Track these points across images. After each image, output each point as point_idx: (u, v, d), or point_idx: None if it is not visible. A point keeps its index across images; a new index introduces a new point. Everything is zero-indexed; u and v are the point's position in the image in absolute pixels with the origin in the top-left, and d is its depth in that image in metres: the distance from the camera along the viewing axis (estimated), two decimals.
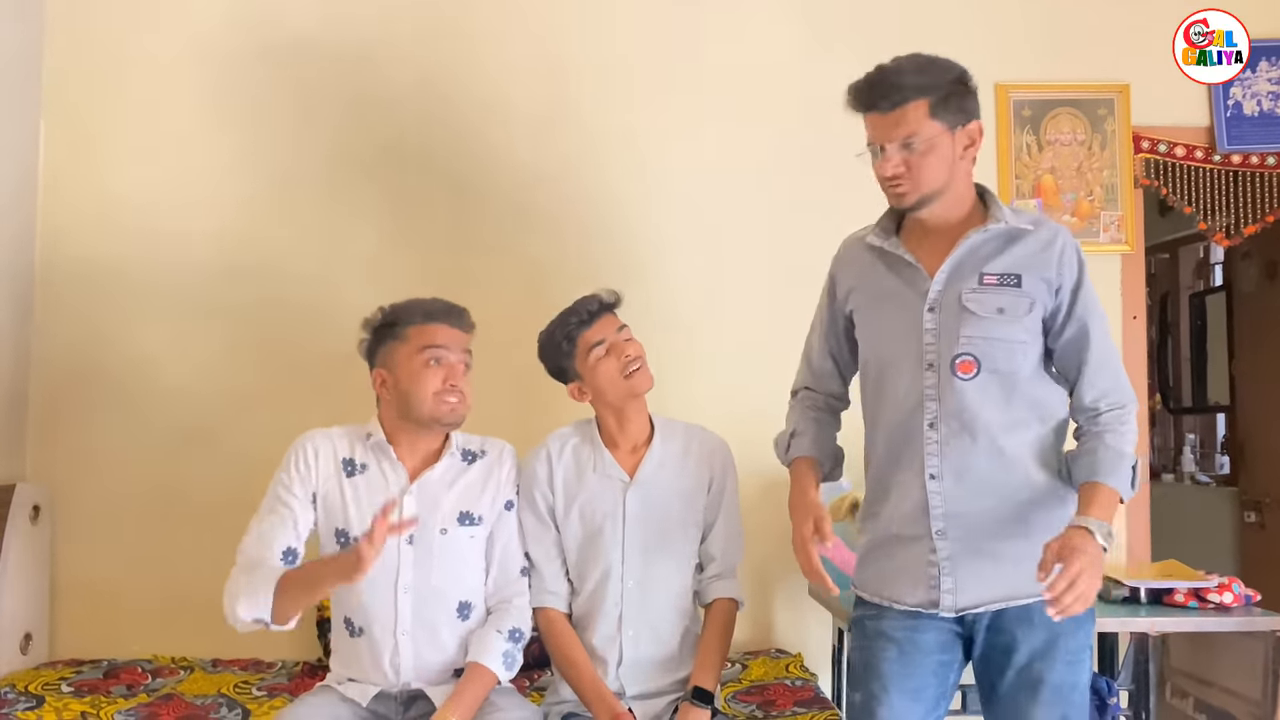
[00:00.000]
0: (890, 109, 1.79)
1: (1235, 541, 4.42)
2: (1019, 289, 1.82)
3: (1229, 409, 4.78)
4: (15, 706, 2.41)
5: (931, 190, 1.82)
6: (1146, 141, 3.16)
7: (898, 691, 1.85)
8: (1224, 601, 2.37)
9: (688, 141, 3.11)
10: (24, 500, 2.81)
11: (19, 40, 3.02)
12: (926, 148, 1.79)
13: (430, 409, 2.06)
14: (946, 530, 1.83)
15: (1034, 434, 1.85)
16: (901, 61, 1.82)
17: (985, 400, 1.82)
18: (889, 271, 1.91)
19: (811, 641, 2.97)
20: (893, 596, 1.88)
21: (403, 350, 2.09)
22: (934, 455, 1.83)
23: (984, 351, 1.81)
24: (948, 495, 1.83)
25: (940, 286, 1.84)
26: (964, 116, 1.81)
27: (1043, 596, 1.65)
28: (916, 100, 1.78)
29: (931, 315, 1.84)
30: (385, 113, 3.11)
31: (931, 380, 1.83)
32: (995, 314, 1.81)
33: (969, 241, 1.84)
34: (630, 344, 2.17)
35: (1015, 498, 1.83)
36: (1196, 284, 5.27)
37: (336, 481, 2.09)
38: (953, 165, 1.82)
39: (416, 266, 3.05)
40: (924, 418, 1.84)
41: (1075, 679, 1.83)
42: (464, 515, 2.10)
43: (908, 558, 1.87)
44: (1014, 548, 1.82)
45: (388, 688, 2.05)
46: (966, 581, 1.83)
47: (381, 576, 2.03)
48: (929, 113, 1.78)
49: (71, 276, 3.06)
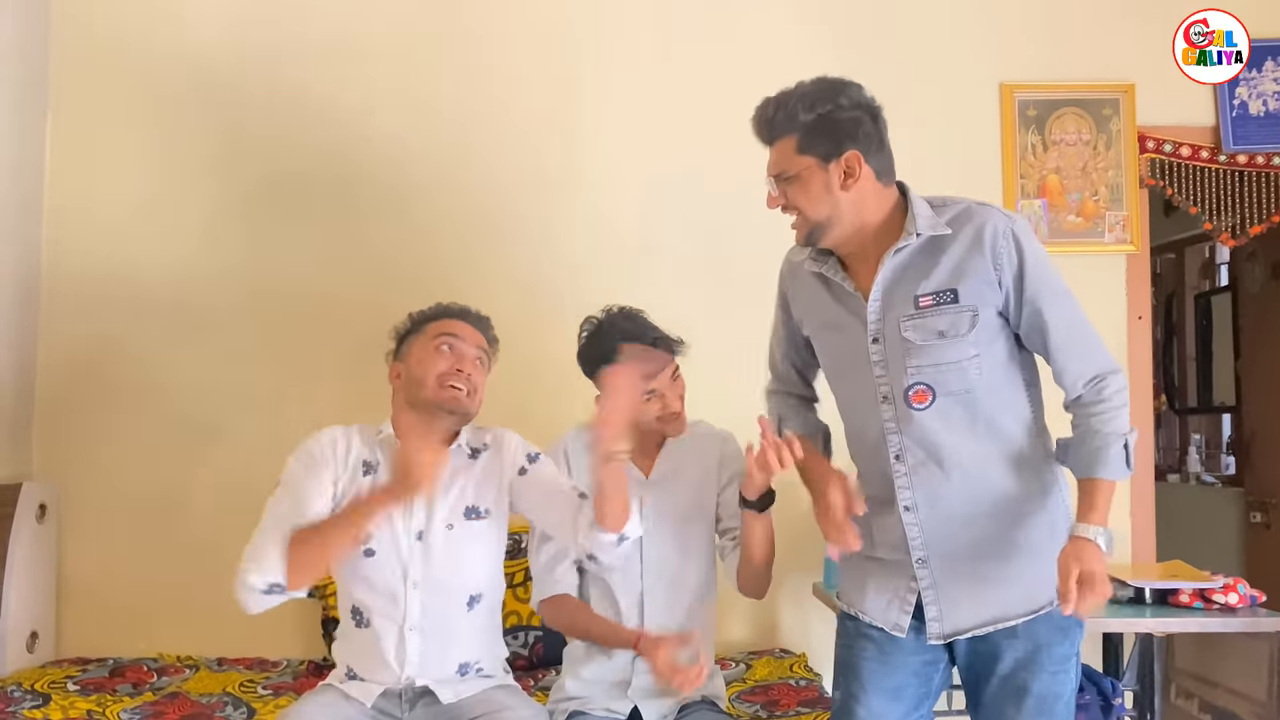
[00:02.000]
0: (767, 143, 1.82)
1: (1241, 542, 4.41)
2: (956, 304, 1.75)
3: (1234, 409, 4.77)
4: (21, 705, 2.42)
5: (818, 221, 1.78)
6: (1152, 141, 3.15)
7: (876, 691, 1.84)
8: (1229, 602, 2.37)
9: (688, 142, 3.11)
10: (30, 499, 2.82)
11: (26, 42, 3.03)
12: (797, 182, 1.78)
13: (433, 391, 2.05)
14: (928, 559, 1.80)
15: (1006, 439, 1.79)
16: (783, 94, 1.80)
17: (947, 426, 1.77)
18: (832, 299, 1.87)
19: (815, 641, 2.97)
20: (871, 615, 1.86)
21: (419, 340, 2.11)
22: (905, 488, 1.80)
23: (934, 378, 1.76)
24: (924, 525, 1.79)
25: (877, 316, 1.79)
26: (836, 148, 1.75)
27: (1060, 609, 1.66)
28: (783, 137, 1.78)
29: (877, 346, 1.79)
30: (387, 112, 3.12)
31: (889, 413, 1.79)
32: (937, 339, 1.75)
33: (891, 263, 1.78)
34: (675, 386, 2.17)
35: (994, 518, 1.79)
36: (1202, 284, 5.26)
37: (353, 478, 2.09)
38: (833, 197, 1.76)
39: (419, 267, 3.05)
40: (889, 450, 1.80)
41: (1060, 689, 1.79)
42: (470, 510, 2.09)
43: (891, 584, 1.84)
44: (999, 569, 1.79)
45: (393, 685, 2.04)
46: (952, 608, 1.80)
47: (390, 571, 2.03)
48: (796, 149, 1.77)
49: (77, 276, 3.07)
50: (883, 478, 1.83)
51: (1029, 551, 1.78)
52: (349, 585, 2.08)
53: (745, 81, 3.09)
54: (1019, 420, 1.81)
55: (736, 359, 3.01)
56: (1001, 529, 1.79)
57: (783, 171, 1.79)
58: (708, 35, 3.15)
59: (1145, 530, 3.07)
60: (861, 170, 1.75)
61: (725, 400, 2.81)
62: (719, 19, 3.15)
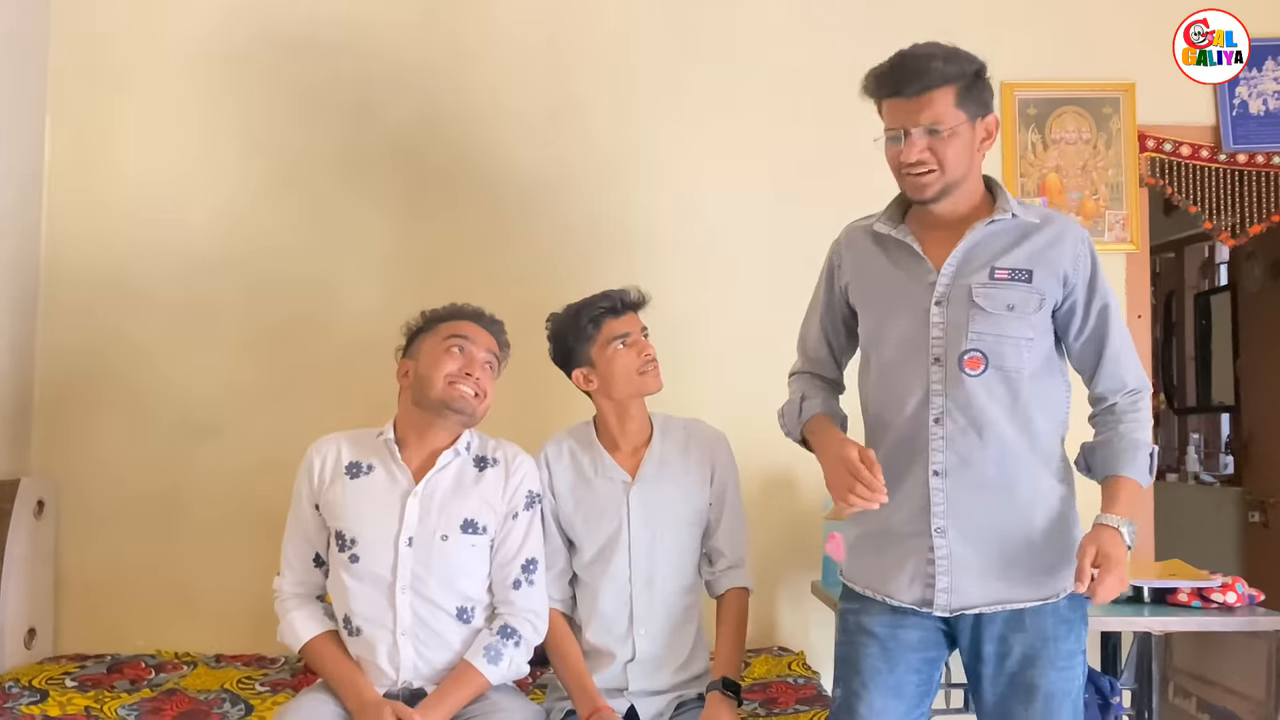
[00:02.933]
0: (917, 93, 1.76)
1: (1239, 541, 4.41)
2: (1029, 284, 1.80)
3: (1234, 409, 4.77)
4: (19, 701, 2.42)
5: (953, 179, 1.80)
6: (1152, 140, 3.15)
7: (878, 688, 1.84)
8: (1227, 601, 2.37)
9: (690, 141, 3.11)
10: (28, 495, 2.81)
11: (25, 38, 3.02)
12: (951, 135, 1.77)
13: (441, 391, 2.05)
14: (946, 528, 1.81)
15: (1036, 433, 1.83)
16: (927, 46, 1.80)
17: (991, 398, 1.80)
18: (892, 262, 1.89)
19: (814, 639, 2.97)
20: (885, 592, 1.86)
21: (429, 340, 2.11)
22: (939, 451, 1.81)
23: (992, 348, 1.79)
24: (950, 493, 1.81)
25: (948, 280, 1.82)
26: (983, 109, 1.80)
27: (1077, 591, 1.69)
28: (944, 86, 1.76)
29: (939, 309, 1.82)
30: (389, 110, 3.11)
31: (938, 375, 1.81)
32: (1005, 310, 1.79)
33: (975, 233, 1.82)
34: (649, 346, 2.19)
35: (1017, 497, 1.81)
36: (1201, 283, 5.26)
37: (338, 485, 2.09)
38: (972, 156, 1.81)
39: (421, 264, 3.06)
40: (929, 413, 1.82)
41: (1068, 686, 1.79)
42: (468, 523, 2.07)
43: (903, 554, 1.84)
44: (1013, 550, 1.80)
45: (389, 686, 2.05)
46: (963, 582, 1.80)
47: (380, 577, 2.03)
48: (955, 100, 1.77)
49: (77, 272, 3.07)
50: (913, 441, 1.83)
51: (1043, 539, 1.81)
52: (339, 594, 2.08)
53: (748, 80, 3.14)
54: (1050, 417, 1.85)
55: (737, 357, 3.03)
56: (1019, 511, 1.82)
57: (940, 122, 1.77)
58: (716, 36, 3.14)
59: (1144, 529, 3.07)
60: (995, 135, 1.83)
61: (725, 399, 2.83)
62: (723, 18, 3.14)
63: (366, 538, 2.05)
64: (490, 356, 2.12)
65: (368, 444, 2.13)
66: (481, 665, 2.02)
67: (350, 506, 2.07)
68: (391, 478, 2.09)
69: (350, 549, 2.05)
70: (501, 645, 2.04)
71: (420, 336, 2.14)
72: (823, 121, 3.06)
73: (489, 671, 2.03)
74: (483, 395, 2.09)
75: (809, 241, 2.26)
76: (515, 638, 2.06)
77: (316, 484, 2.11)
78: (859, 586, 1.91)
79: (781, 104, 3.11)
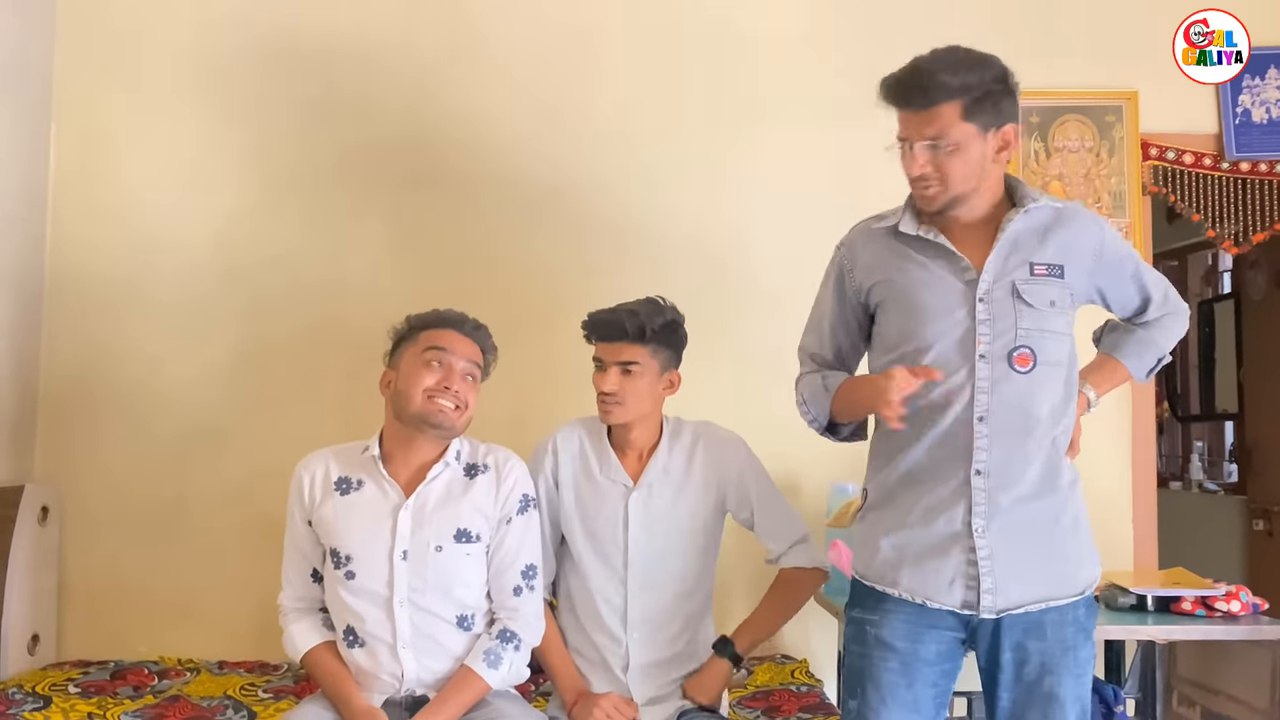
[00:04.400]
0: (922, 108, 1.75)
1: (1243, 549, 4.41)
2: (1063, 280, 1.82)
3: (1237, 417, 4.77)
4: (23, 707, 2.42)
5: (959, 193, 1.79)
6: (1155, 148, 3.15)
7: (896, 704, 1.81)
8: (1231, 610, 2.36)
9: (695, 145, 3.11)
10: (32, 501, 2.82)
11: (30, 46, 3.04)
12: (954, 149, 1.76)
13: (420, 406, 2.02)
14: (987, 529, 1.78)
15: (1063, 431, 1.84)
16: (939, 57, 1.77)
17: (1041, 393, 1.79)
18: (922, 261, 1.85)
19: (817, 647, 2.97)
20: (926, 595, 1.80)
21: (410, 350, 2.09)
22: (984, 450, 1.77)
23: (1039, 344, 1.79)
24: (992, 492, 1.78)
25: (991, 276, 1.80)
26: (999, 119, 1.77)
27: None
28: (949, 101, 1.74)
29: (984, 306, 1.79)
30: (393, 116, 3.12)
31: (985, 373, 1.78)
32: (1049, 306, 1.80)
33: (1012, 227, 1.81)
34: (607, 380, 2.13)
35: (1053, 493, 1.81)
36: (1205, 291, 5.26)
37: (329, 502, 2.08)
38: (983, 168, 1.79)
39: (423, 271, 3.06)
40: (974, 411, 1.78)
41: (1081, 692, 1.80)
42: (461, 533, 2.05)
43: (944, 556, 1.80)
44: (1048, 546, 1.80)
45: (392, 695, 2.05)
46: (1007, 582, 1.77)
47: (377, 592, 2.03)
48: (962, 114, 1.75)
49: (80, 280, 3.07)
50: (953, 440, 1.79)
51: (1072, 531, 1.83)
52: (337, 609, 2.08)
53: (755, 86, 3.15)
54: (1071, 412, 1.86)
55: (746, 364, 3.03)
56: (1054, 505, 1.82)
57: (943, 137, 1.75)
58: (721, 39, 3.14)
59: (1147, 537, 3.06)
60: (1016, 144, 1.81)
61: (733, 405, 2.82)
62: (730, 21, 3.15)
63: (360, 554, 2.04)
64: (471, 366, 2.08)
65: (355, 459, 2.11)
66: (481, 670, 2.02)
67: (342, 524, 2.06)
68: (382, 492, 2.07)
69: (345, 565, 2.04)
70: (501, 649, 2.04)
71: (403, 345, 2.11)
72: (832, 127, 3.05)
73: (489, 676, 2.02)
74: (463, 407, 2.05)
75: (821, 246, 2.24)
76: (515, 641, 2.06)
77: (308, 501, 2.10)
78: (898, 591, 1.82)
79: (791, 110, 3.11)
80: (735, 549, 2.58)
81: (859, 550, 1.93)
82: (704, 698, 2.15)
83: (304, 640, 2.10)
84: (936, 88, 1.74)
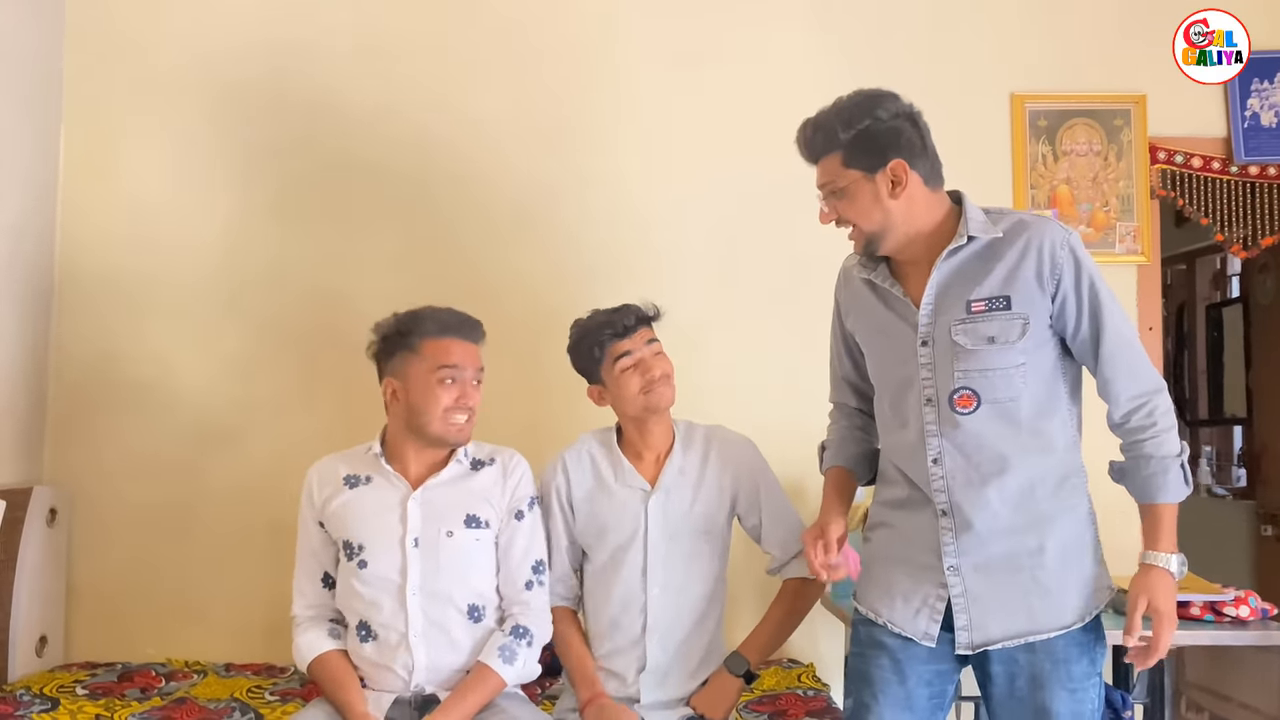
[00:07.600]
0: (812, 162, 1.84)
1: (1252, 554, 4.39)
2: (1009, 311, 1.76)
3: (1246, 421, 4.75)
4: (30, 709, 2.42)
5: (875, 231, 1.81)
6: (1163, 152, 3.15)
7: (888, 700, 1.83)
8: (1240, 615, 2.36)
9: (695, 149, 3.11)
10: (41, 503, 2.82)
11: (41, 47, 3.05)
12: (844, 195, 1.80)
13: (439, 427, 2.08)
14: (960, 566, 1.79)
15: (1043, 457, 1.79)
16: (826, 110, 1.82)
17: (988, 433, 1.77)
18: (882, 304, 1.88)
19: (824, 652, 2.96)
20: (888, 619, 1.85)
21: (417, 364, 2.10)
22: (941, 492, 1.80)
23: (980, 384, 1.76)
24: (959, 531, 1.79)
25: (928, 319, 1.80)
26: (880, 159, 1.76)
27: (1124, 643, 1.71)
28: (830, 154, 1.81)
29: (926, 350, 1.80)
30: (403, 113, 3.12)
31: (932, 415, 1.80)
32: (986, 344, 1.75)
33: (944, 267, 1.80)
34: (658, 359, 2.18)
35: (1027, 529, 1.78)
36: (1213, 295, 5.24)
37: (338, 497, 2.12)
38: (882, 208, 1.78)
39: (431, 273, 3.06)
40: (927, 454, 1.80)
41: (1079, 709, 1.76)
42: (470, 518, 2.10)
43: (915, 585, 1.83)
44: (1030, 581, 1.78)
45: (401, 693, 2.05)
46: (984, 618, 1.78)
47: (390, 580, 2.05)
48: (843, 163, 1.79)
49: (90, 282, 3.08)
50: (919, 481, 1.83)
51: (1060, 565, 1.78)
52: (349, 600, 2.09)
53: (761, 91, 3.14)
54: (1058, 432, 1.81)
55: (750, 366, 3.03)
56: (1034, 540, 1.79)
57: (831, 186, 1.81)
58: (725, 45, 3.15)
59: None
60: (908, 177, 1.78)
61: (739, 407, 2.82)
62: (736, 29, 3.15)
63: (372, 543, 2.07)
64: (478, 372, 2.14)
65: (361, 459, 2.17)
66: (497, 666, 2.04)
67: (353, 515, 2.10)
68: (390, 485, 2.13)
69: (358, 555, 2.06)
70: (516, 645, 2.06)
71: (402, 354, 2.11)
72: None
73: (505, 672, 2.04)
74: (473, 416, 2.12)
75: (822, 251, 2.25)
76: (528, 637, 2.09)
77: (319, 502, 2.14)
78: (863, 609, 1.91)
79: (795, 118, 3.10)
80: (742, 555, 2.57)
81: (863, 570, 1.99)
82: (713, 714, 2.14)
83: (310, 648, 2.12)
84: (817, 143, 1.82)
